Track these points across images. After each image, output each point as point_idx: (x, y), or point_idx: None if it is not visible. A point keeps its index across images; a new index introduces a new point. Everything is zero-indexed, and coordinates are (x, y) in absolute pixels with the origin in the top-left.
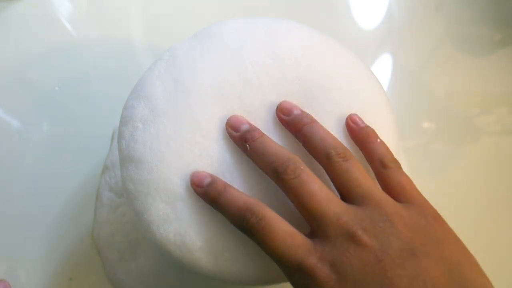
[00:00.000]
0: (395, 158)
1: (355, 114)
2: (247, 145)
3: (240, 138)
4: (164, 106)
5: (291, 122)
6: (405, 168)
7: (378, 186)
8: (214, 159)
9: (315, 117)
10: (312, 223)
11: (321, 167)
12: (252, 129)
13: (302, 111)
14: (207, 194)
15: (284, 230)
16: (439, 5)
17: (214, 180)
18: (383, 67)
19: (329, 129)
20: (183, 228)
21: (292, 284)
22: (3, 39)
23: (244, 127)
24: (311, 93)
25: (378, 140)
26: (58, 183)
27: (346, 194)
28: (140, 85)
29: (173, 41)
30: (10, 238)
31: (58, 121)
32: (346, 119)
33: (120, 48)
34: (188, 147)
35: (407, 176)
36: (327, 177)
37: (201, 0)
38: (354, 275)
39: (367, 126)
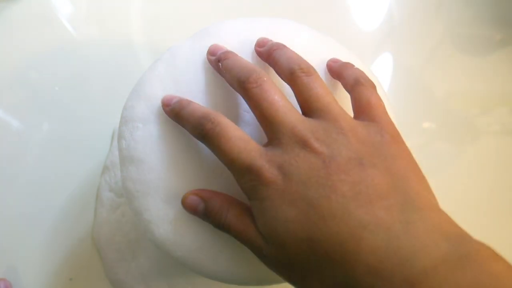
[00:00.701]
0: (370, 79)
1: (335, 57)
2: (220, 64)
3: (215, 60)
4: None
5: (264, 51)
6: None
7: (338, 104)
8: (214, 159)
9: None
10: (268, 131)
11: None
12: (228, 51)
13: (276, 42)
14: (172, 110)
15: (238, 136)
16: (439, 5)
17: (180, 99)
18: (383, 67)
19: None
20: (183, 228)
21: (242, 187)
22: (3, 39)
23: (221, 50)
24: None
25: (355, 67)
26: (58, 183)
27: (306, 108)
28: (140, 85)
29: (173, 41)
30: (11, 238)
31: (58, 121)
32: (327, 62)
33: (120, 48)
34: (186, 146)
35: (378, 97)
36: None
37: (201, 0)
38: (300, 177)
39: (347, 62)
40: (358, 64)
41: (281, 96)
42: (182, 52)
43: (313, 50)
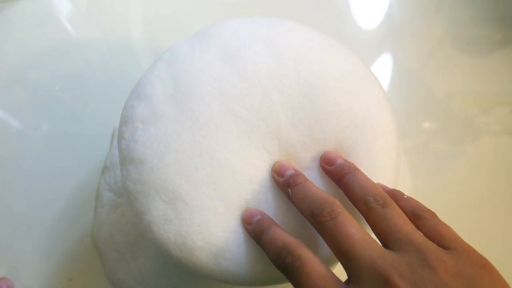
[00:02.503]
0: (427, 208)
1: (379, 184)
2: (289, 190)
3: (284, 183)
4: (164, 106)
5: (334, 171)
6: (405, 168)
7: (420, 232)
8: (215, 159)
9: (316, 117)
10: (346, 267)
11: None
12: (296, 174)
13: (345, 160)
14: (254, 230)
15: (319, 273)
16: (439, 5)
17: (262, 218)
18: (383, 67)
19: (329, 130)
20: (184, 228)
21: None
22: (3, 39)
23: (289, 172)
24: (312, 93)
25: (405, 196)
26: (58, 183)
27: (385, 240)
28: (140, 85)
29: (173, 41)
30: (11, 238)
31: (58, 121)
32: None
33: (120, 48)
34: (189, 147)
35: (445, 224)
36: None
37: (201, 0)
38: None
39: (394, 191)
40: (359, 65)
41: (357, 228)
42: (182, 52)
43: (313, 50)
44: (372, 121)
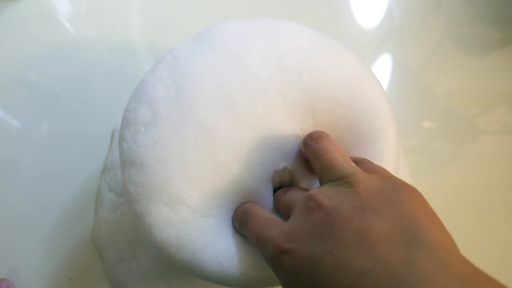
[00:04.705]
0: (364, 158)
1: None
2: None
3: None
4: (166, 110)
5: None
6: (405, 168)
7: (350, 162)
8: (219, 169)
9: (316, 128)
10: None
11: None
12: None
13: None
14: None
15: (263, 216)
16: (439, 5)
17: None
18: (383, 67)
19: None
20: (186, 231)
21: (266, 261)
22: (3, 39)
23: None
24: (313, 102)
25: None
26: (58, 183)
27: (322, 176)
28: (141, 87)
29: (174, 41)
30: (11, 238)
31: (58, 121)
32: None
33: (120, 48)
34: (193, 153)
35: (379, 166)
36: None
37: (202, 1)
38: (306, 237)
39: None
40: (359, 65)
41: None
42: (183, 54)
43: (315, 54)
44: (370, 125)
